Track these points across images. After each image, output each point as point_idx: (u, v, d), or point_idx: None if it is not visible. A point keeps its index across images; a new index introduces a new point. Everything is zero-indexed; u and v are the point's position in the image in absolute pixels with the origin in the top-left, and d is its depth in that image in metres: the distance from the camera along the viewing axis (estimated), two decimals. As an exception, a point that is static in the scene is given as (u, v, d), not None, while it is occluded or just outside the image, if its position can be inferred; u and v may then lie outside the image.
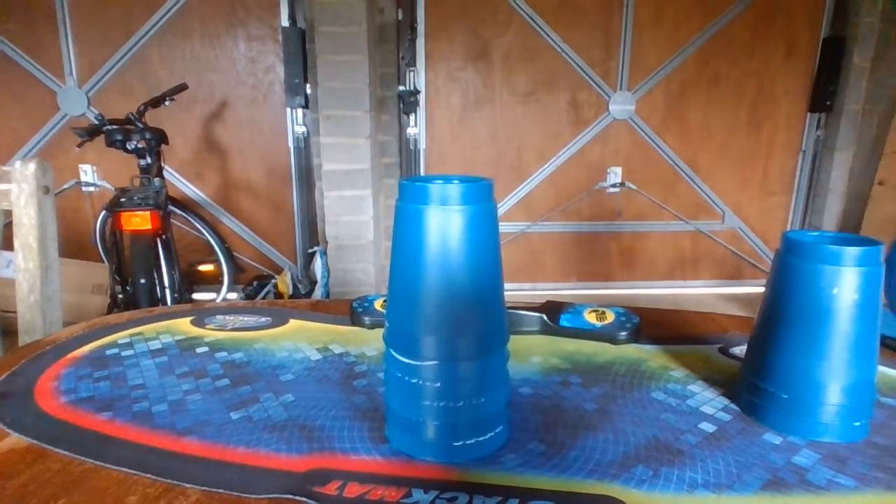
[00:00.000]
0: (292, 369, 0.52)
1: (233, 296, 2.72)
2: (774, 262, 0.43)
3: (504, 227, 3.00)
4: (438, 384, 0.37)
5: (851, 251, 0.39)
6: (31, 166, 0.80)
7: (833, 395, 0.40)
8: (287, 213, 3.08)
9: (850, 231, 2.85)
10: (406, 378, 0.38)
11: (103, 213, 2.31)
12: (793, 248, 0.41)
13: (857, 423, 0.41)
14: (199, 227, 2.55)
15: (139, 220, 2.10)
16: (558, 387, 0.49)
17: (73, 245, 2.70)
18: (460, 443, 0.38)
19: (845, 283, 0.39)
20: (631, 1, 2.75)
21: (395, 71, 2.76)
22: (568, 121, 2.93)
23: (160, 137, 2.29)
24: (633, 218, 2.99)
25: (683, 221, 2.98)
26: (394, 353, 0.38)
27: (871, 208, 2.87)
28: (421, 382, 0.37)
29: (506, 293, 0.40)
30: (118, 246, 2.32)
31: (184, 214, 2.51)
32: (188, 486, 0.35)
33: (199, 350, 0.56)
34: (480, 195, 0.36)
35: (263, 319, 0.65)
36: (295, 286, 2.99)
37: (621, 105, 2.86)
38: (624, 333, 0.58)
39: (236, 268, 2.78)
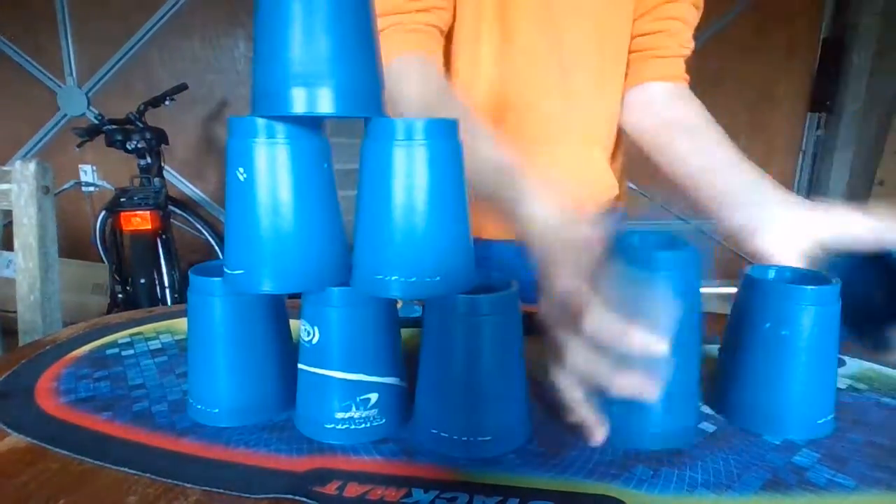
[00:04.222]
0: (292, 369, 0.52)
1: (233, 296, 2.72)
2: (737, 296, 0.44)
3: (504, 227, 3.00)
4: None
5: (809, 290, 0.39)
6: (31, 166, 0.80)
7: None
8: (287, 214, 3.08)
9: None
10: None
11: (103, 213, 2.30)
12: (753, 285, 0.42)
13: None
14: (199, 227, 2.55)
15: (139, 220, 2.10)
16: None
17: (73, 245, 2.69)
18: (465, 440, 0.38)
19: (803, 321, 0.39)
20: (631, 1, 2.75)
21: (395, 71, 2.75)
22: (568, 121, 2.93)
23: (160, 137, 2.29)
24: (633, 218, 2.99)
25: (683, 221, 2.98)
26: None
27: (871, 208, 2.86)
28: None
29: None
30: (118, 246, 2.32)
31: (184, 214, 2.50)
32: (188, 486, 0.35)
33: (199, 350, 0.56)
34: (446, 132, 0.36)
35: (263, 319, 0.65)
36: (295, 286, 2.98)
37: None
38: (624, 333, 0.58)
39: (236, 268, 2.76)
